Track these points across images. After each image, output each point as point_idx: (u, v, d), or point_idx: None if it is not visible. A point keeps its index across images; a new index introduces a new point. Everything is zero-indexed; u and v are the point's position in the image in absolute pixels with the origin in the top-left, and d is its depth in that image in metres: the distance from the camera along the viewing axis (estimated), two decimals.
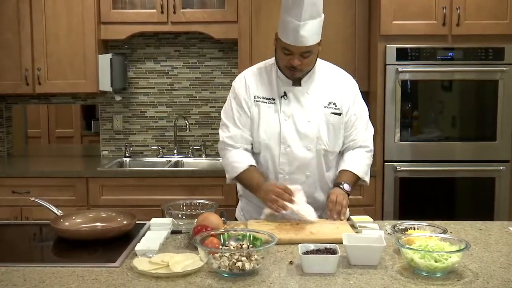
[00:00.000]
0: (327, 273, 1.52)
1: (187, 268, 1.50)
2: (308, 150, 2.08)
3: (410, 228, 1.79)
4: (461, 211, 3.31)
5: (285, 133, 2.07)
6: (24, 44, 3.52)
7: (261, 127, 2.09)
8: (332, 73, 2.16)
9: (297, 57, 1.99)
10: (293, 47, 1.97)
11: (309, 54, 2.00)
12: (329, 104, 2.10)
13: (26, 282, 1.47)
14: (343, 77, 2.18)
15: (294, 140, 2.07)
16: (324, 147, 2.09)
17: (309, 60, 2.02)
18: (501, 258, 1.65)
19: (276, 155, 2.09)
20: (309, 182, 2.11)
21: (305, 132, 2.07)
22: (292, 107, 2.08)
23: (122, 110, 3.90)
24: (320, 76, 2.13)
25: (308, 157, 2.08)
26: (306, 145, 2.08)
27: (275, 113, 2.08)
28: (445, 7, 3.18)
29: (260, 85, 2.13)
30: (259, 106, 2.10)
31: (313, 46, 1.99)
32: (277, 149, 2.08)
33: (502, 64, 3.20)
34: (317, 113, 2.08)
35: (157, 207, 2.69)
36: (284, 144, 2.08)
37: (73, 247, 1.76)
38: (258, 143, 2.10)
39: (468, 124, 3.33)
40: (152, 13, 3.54)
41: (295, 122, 2.07)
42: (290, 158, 2.08)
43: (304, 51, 1.98)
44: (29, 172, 3.41)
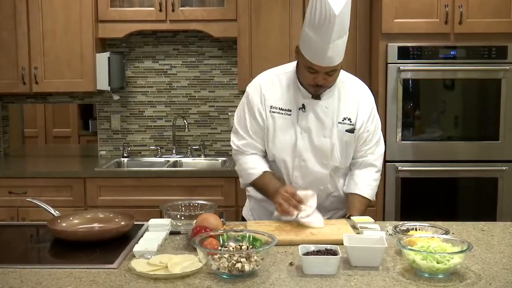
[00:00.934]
0: (328, 274, 1.51)
1: (185, 270, 1.49)
2: (322, 166, 2.06)
3: (411, 229, 1.79)
4: (464, 211, 3.30)
5: (300, 147, 2.04)
6: (21, 42, 3.50)
7: (276, 139, 2.05)
8: (350, 87, 2.11)
9: (322, 75, 1.93)
10: (318, 67, 1.91)
11: (334, 72, 1.95)
12: (344, 120, 2.06)
13: (23, 284, 1.46)
14: (361, 91, 2.12)
15: (309, 155, 2.05)
16: (336, 164, 2.08)
17: (334, 78, 1.99)
18: (503, 259, 1.64)
19: (290, 167, 2.07)
20: (321, 195, 2.08)
21: (321, 147, 2.04)
22: (309, 121, 2.03)
23: (120, 110, 3.88)
24: (339, 90, 2.08)
25: (322, 172, 2.07)
26: (320, 160, 2.06)
27: (291, 125, 2.04)
28: (447, 5, 3.17)
29: (276, 94, 2.06)
30: (274, 118, 2.05)
31: (338, 65, 1.94)
32: (291, 162, 2.06)
33: (505, 63, 3.19)
34: (333, 129, 2.05)
35: (155, 207, 2.67)
36: (299, 158, 2.05)
37: (71, 248, 1.75)
38: (272, 154, 2.08)
39: (471, 123, 3.32)
40: (150, 11, 3.52)
41: (311, 137, 2.04)
42: (304, 172, 2.07)
43: (329, 70, 1.93)
44: (26, 173, 3.39)
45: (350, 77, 2.15)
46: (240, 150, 2.12)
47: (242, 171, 2.12)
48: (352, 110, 2.07)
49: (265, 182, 2.05)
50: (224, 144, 3.88)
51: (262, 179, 2.06)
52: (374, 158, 2.15)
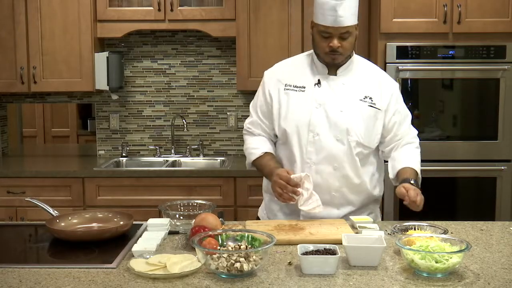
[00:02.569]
0: (327, 274, 1.51)
1: (184, 269, 1.49)
2: (337, 141, 2.02)
3: (410, 228, 1.79)
4: (462, 211, 3.30)
5: (314, 121, 2.02)
6: (19, 42, 3.49)
7: (289, 114, 2.05)
8: (370, 69, 2.13)
9: (336, 39, 1.96)
10: (332, 29, 1.95)
11: (348, 35, 1.97)
12: (365, 98, 2.04)
13: (22, 284, 1.46)
14: (382, 75, 2.13)
15: (324, 129, 2.02)
16: (356, 139, 2.02)
17: (349, 43, 1.99)
18: (502, 258, 1.65)
19: (304, 143, 2.04)
20: (336, 175, 2.04)
21: (336, 121, 2.01)
22: (324, 95, 2.04)
23: (118, 109, 3.88)
24: (358, 69, 2.09)
25: (336, 147, 2.02)
26: (335, 135, 2.02)
27: (306, 101, 2.04)
28: (446, 5, 3.17)
29: (291, 73, 2.11)
30: (289, 95, 2.07)
31: (351, 27, 1.96)
32: (305, 137, 2.04)
33: (504, 63, 3.19)
34: (352, 104, 2.03)
35: (154, 207, 2.67)
36: (313, 132, 2.02)
37: (69, 248, 1.75)
38: (286, 130, 2.06)
39: (470, 123, 3.32)
40: (149, 10, 3.51)
41: (326, 110, 2.02)
42: (317, 147, 2.02)
43: (343, 32, 1.95)
44: (24, 172, 3.38)
45: (372, 64, 2.18)
46: (248, 130, 2.18)
47: (246, 150, 2.17)
48: (373, 90, 2.06)
49: (262, 163, 2.08)
50: (223, 144, 3.88)
51: (260, 160, 2.09)
52: (411, 137, 2.12)
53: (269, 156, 2.10)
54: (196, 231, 1.68)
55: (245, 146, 2.19)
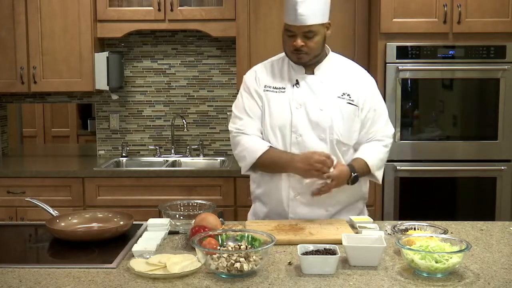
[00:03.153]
0: (327, 274, 1.51)
1: (184, 269, 1.49)
2: (320, 140, 2.02)
3: (410, 228, 1.79)
4: (462, 211, 3.30)
5: (296, 122, 2.02)
6: (19, 42, 3.49)
7: (272, 117, 2.04)
8: (348, 66, 2.14)
9: (300, 38, 1.96)
10: (294, 27, 1.96)
11: (313, 34, 1.96)
12: (343, 95, 2.05)
13: (22, 284, 1.46)
14: (359, 71, 2.14)
15: (306, 129, 2.02)
16: (337, 137, 2.02)
17: (314, 43, 1.98)
18: (502, 258, 1.65)
19: (288, 144, 2.03)
20: None
21: (318, 120, 2.02)
22: (304, 95, 2.04)
23: (118, 109, 3.88)
24: (335, 67, 2.09)
25: (320, 147, 2.01)
26: (318, 134, 2.02)
27: (286, 102, 2.04)
28: (446, 5, 3.16)
29: (270, 75, 2.10)
30: (268, 96, 2.06)
31: (315, 27, 1.95)
32: (288, 138, 2.03)
33: (504, 63, 3.19)
34: (331, 102, 2.03)
35: (154, 207, 2.67)
36: (296, 133, 2.02)
37: (69, 248, 1.75)
38: (268, 132, 2.05)
39: (469, 123, 3.32)
40: (149, 10, 3.51)
41: (307, 111, 2.02)
42: (301, 147, 2.01)
43: (305, 31, 1.95)
44: (24, 172, 3.38)
45: (349, 61, 2.17)
46: (239, 131, 2.07)
47: (245, 150, 2.04)
48: (351, 87, 2.06)
49: (275, 154, 2.01)
50: (223, 144, 3.88)
51: (270, 153, 2.01)
52: (382, 134, 2.11)
53: (274, 148, 2.03)
54: (196, 231, 1.68)
55: (241, 147, 2.05)
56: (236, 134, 2.08)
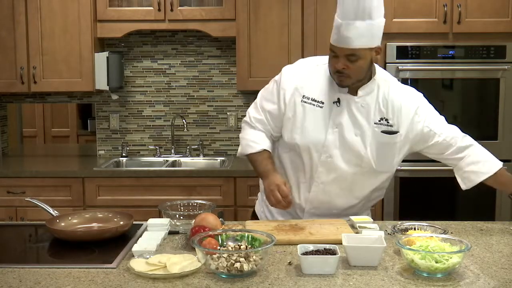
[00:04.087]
0: (327, 274, 1.50)
1: (184, 269, 1.49)
2: (349, 164, 1.96)
3: (410, 228, 1.78)
4: (462, 211, 3.30)
5: (329, 142, 1.95)
6: (19, 42, 3.49)
7: (305, 130, 1.97)
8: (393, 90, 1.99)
9: (342, 60, 1.86)
10: (337, 48, 1.85)
11: (356, 58, 1.84)
12: (381, 120, 1.95)
13: (22, 284, 1.46)
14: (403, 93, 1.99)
15: (337, 151, 1.95)
16: (371, 165, 1.96)
17: (357, 66, 1.86)
18: (502, 258, 1.64)
19: (315, 162, 1.98)
20: (343, 194, 2.02)
21: (350, 145, 1.95)
22: (342, 117, 1.95)
23: (118, 109, 3.88)
24: (379, 90, 1.97)
25: (347, 170, 1.97)
26: (349, 158, 1.96)
27: (322, 119, 1.96)
28: (446, 5, 3.17)
29: (311, 84, 1.99)
30: (305, 108, 1.97)
31: (359, 50, 1.83)
32: (317, 157, 1.97)
33: (504, 63, 3.19)
34: (367, 129, 1.95)
35: (154, 207, 2.67)
36: (326, 153, 1.96)
37: (69, 248, 1.74)
38: (298, 145, 1.98)
39: (469, 123, 3.32)
40: (149, 10, 3.51)
41: (342, 133, 1.95)
42: (328, 168, 1.97)
43: (348, 54, 1.84)
44: (24, 172, 3.38)
45: (394, 80, 2.04)
46: (250, 123, 2.08)
47: (244, 140, 2.08)
48: (391, 111, 1.95)
49: (259, 160, 2.02)
50: (223, 144, 3.88)
51: (257, 156, 2.03)
52: (460, 139, 2.02)
53: (267, 154, 2.03)
54: (196, 231, 1.68)
55: (243, 134, 2.10)
56: (246, 122, 2.11)
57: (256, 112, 2.08)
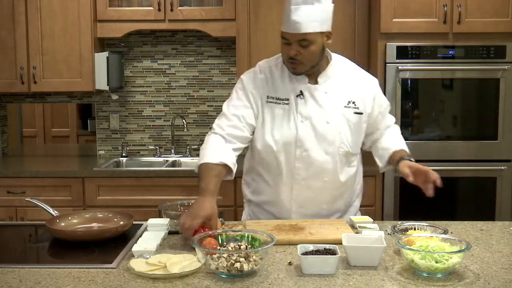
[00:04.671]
0: (327, 274, 1.50)
1: (184, 269, 1.49)
2: (326, 154, 1.96)
3: (410, 228, 1.78)
4: (462, 211, 3.30)
5: (302, 137, 1.94)
6: (19, 42, 3.49)
7: (275, 131, 1.96)
8: (350, 72, 2.05)
9: (294, 46, 1.87)
10: (288, 35, 1.87)
11: (308, 43, 1.86)
12: (349, 103, 1.98)
13: (22, 284, 1.46)
14: (362, 75, 2.07)
15: (312, 143, 1.95)
16: (346, 149, 1.98)
17: (309, 52, 1.88)
18: (502, 258, 1.64)
19: (292, 160, 1.96)
20: (326, 188, 2.01)
21: (324, 134, 1.95)
22: (309, 108, 1.95)
23: (118, 109, 3.88)
24: (338, 74, 2.00)
25: (326, 161, 1.97)
26: (325, 148, 1.96)
27: (290, 115, 1.95)
28: (446, 5, 3.17)
29: (272, 84, 1.99)
30: (272, 107, 1.97)
31: (310, 35, 1.85)
32: (293, 154, 1.96)
33: (504, 63, 3.19)
34: (337, 114, 1.96)
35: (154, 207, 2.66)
36: (301, 148, 1.95)
37: (69, 248, 1.74)
38: (272, 146, 1.97)
39: (469, 123, 3.32)
40: (149, 10, 3.51)
41: (313, 124, 1.95)
42: (307, 163, 1.96)
43: (300, 39, 1.85)
44: (24, 172, 3.38)
45: (350, 63, 2.08)
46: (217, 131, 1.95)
47: (203, 150, 1.93)
48: (356, 94, 2.00)
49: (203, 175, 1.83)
50: None
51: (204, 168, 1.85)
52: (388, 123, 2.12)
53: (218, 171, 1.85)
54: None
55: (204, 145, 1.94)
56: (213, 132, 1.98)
57: (227, 120, 1.96)
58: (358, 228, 1.88)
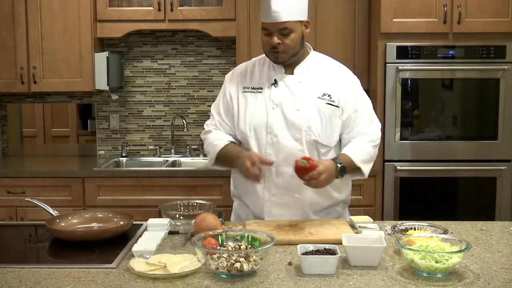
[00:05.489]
0: (327, 274, 1.51)
1: (184, 269, 1.49)
2: (295, 140, 2.00)
3: (410, 228, 1.78)
4: (462, 211, 3.30)
5: (272, 122, 2.00)
6: (19, 42, 3.49)
7: (247, 116, 2.03)
8: (330, 66, 2.09)
9: (276, 36, 1.94)
10: (269, 25, 1.94)
11: (288, 32, 1.93)
12: (323, 96, 2.02)
13: (22, 284, 1.46)
14: (342, 71, 2.10)
15: (281, 129, 1.99)
16: (314, 138, 1.99)
17: (290, 40, 1.95)
18: (502, 258, 1.65)
19: (263, 145, 2.01)
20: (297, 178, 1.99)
21: (294, 121, 1.99)
22: (281, 95, 2.01)
23: (118, 109, 3.88)
24: (316, 67, 2.06)
25: (295, 147, 1.99)
26: (293, 134, 1.99)
27: (263, 102, 2.03)
28: (446, 5, 3.17)
29: (249, 76, 2.09)
30: (247, 97, 2.06)
31: (290, 23, 1.93)
32: (263, 139, 2.01)
33: (504, 63, 3.19)
34: (308, 103, 2.00)
35: (154, 207, 2.67)
36: (271, 133, 2.00)
37: (69, 248, 1.74)
38: (244, 133, 2.04)
39: (469, 123, 3.32)
40: (149, 10, 3.51)
41: (283, 111, 2.00)
42: (276, 148, 2.00)
43: (281, 28, 1.92)
44: (24, 172, 3.38)
45: (333, 60, 2.13)
46: (208, 130, 2.13)
47: (209, 145, 2.10)
48: (332, 87, 2.02)
49: (227, 150, 2.03)
50: None
51: (226, 148, 2.04)
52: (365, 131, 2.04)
53: (233, 145, 2.06)
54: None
55: (206, 142, 2.12)
56: (204, 131, 2.16)
57: (212, 120, 2.14)
58: (358, 228, 1.88)
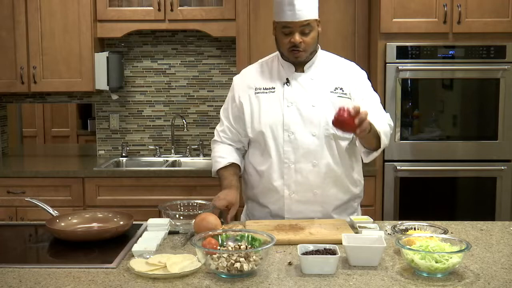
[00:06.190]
0: (327, 274, 1.51)
1: (184, 269, 1.49)
2: (313, 136, 2.03)
3: (410, 228, 1.78)
4: (462, 211, 3.30)
5: (288, 120, 2.03)
6: (19, 42, 3.49)
7: (262, 117, 2.06)
8: (337, 61, 2.15)
9: (297, 34, 1.97)
10: (292, 23, 1.96)
11: (310, 30, 1.98)
12: (336, 90, 2.06)
13: (22, 284, 1.46)
14: (349, 64, 2.16)
15: (298, 126, 2.03)
16: (333, 132, 2.01)
17: (311, 38, 2.00)
18: (502, 258, 1.65)
19: (281, 144, 2.04)
20: (316, 171, 2.04)
21: (310, 117, 2.02)
22: (295, 93, 2.05)
23: (118, 109, 3.88)
24: (325, 63, 2.11)
25: (313, 143, 2.02)
26: (311, 130, 2.03)
27: (277, 101, 2.06)
28: (446, 5, 3.17)
29: (260, 77, 2.13)
30: (259, 98, 2.09)
31: (312, 21, 1.98)
32: (281, 137, 2.04)
33: (504, 62, 3.19)
34: (322, 98, 2.04)
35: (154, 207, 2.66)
36: (288, 131, 2.03)
37: (69, 248, 1.74)
38: (260, 132, 2.06)
39: (469, 123, 3.32)
40: (149, 10, 3.51)
41: (298, 108, 2.03)
42: (294, 145, 2.03)
43: (304, 25, 1.96)
44: (24, 172, 3.38)
45: (339, 57, 2.18)
46: (217, 138, 2.20)
47: (213, 158, 2.19)
48: (343, 80, 2.08)
49: (224, 175, 2.12)
50: None
51: (223, 171, 2.13)
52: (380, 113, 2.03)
53: (233, 170, 2.13)
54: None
55: (212, 154, 2.22)
56: (213, 140, 2.23)
57: (220, 125, 2.20)
58: (358, 228, 1.88)
